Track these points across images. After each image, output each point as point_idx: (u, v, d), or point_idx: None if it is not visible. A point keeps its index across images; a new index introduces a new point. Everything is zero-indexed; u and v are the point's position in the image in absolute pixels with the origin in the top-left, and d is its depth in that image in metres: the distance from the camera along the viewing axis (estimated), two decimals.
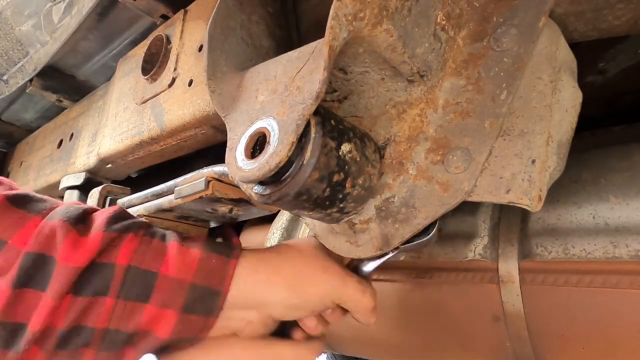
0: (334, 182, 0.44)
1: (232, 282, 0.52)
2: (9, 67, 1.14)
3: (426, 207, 0.47)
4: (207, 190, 0.64)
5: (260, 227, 1.06)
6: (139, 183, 1.23)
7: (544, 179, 0.43)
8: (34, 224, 0.49)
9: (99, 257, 0.49)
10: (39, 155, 1.35)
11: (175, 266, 0.51)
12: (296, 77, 0.43)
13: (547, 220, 0.57)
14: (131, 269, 0.49)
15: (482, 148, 0.44)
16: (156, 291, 0.50)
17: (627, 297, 0.50)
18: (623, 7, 0.44)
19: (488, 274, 0.60)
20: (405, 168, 0.49)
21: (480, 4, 0.49)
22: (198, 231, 0.89)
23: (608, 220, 0.52)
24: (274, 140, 0.41)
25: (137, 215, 0.81)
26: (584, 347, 0.55)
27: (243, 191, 0.51)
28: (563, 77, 0.46)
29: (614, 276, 0.51)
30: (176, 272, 0.51)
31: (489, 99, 0.45)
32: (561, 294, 0.55)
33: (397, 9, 0.42)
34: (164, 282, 0.50)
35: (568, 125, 0.47)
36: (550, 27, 0.46)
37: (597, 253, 0.52)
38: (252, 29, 0.57)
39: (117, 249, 0.50)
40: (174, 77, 0.86)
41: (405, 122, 0.50)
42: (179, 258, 0.51)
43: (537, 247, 0.57)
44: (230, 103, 0.51)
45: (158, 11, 0.94)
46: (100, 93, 1.20)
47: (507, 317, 0.59)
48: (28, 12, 1.02)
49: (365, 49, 0.44)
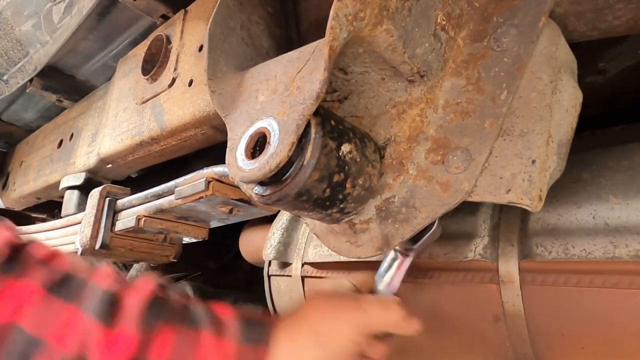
0: (334, 183, 0.44)
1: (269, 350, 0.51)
2: (9, 67, 1.14)
3: (426, 207, 0.47)
4: (207, 191, 0.65)
5: (260, 227, 1.06)
6: (139, 183, 1.23)
7: (544, 179, 0.43)
8: (69, 318, 0.49)
9: (138, 354, 0.49)
10: (39, 155, 1.35)
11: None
12: (296, 77, 0.43)
13: (547, 220, 0.57)
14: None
15: (482, 148, 0.44)
16: None
17: (627, 297, 0.50)
18: (623, 7, 0.44)
19: (488, 274, 0.60)
20: (406, 168, 0.49)
21: (481, 4, 0.49)
22: (198, 231, 0.89)
23: (608, 220, 0.52)
24: (275, 140, 0.41)
25: (137, 216, 0.81)
26: (584, 347, 0.55)
27: (243, 192, 0.51)
28: (563, 77, 0.46)
29: (614, 276, 0.51)
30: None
31: (489, 99, 0.45)
32: (561, 294, 0.55)
33: (398, 9, 0.42)
34: None
35: (568, 125, 0.47)
36: (550, 27, 0.46)
37: (597, 253, 0.52)
38: (252, 29, 0.57)
39: (152, 345, 0.50)
40: (174, 77, 0.86)
41: (405, 122, 0.50)
42: (215, 351, 0.51)
43: (537, 247, 0.57)
44: (231, 103, 0.51)
45: (158, 11, 0.94)
46: (100, 93, 1.20)
47: (507, 317, 0.59)
48: (28, 12, 1.02)
49: (365, 49, 0.44)
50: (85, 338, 0.49)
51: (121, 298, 0.52)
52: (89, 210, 0.93)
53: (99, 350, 0.48)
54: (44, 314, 0.49)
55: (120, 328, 0.50)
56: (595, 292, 0.52)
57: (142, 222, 0.84)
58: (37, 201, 1.39)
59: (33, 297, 0.49)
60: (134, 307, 0.51)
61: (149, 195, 0.82)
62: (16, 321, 0.48)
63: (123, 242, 0.92)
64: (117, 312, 0.51)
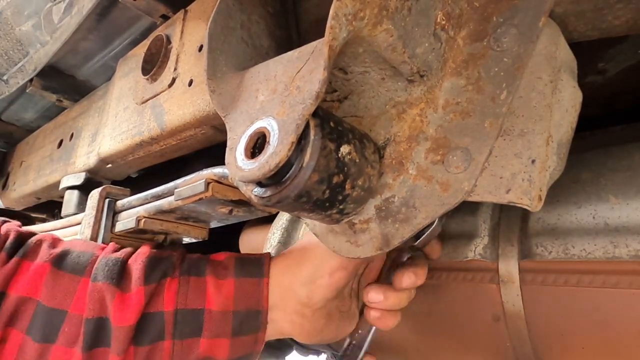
0: (334, 184, 0.44)
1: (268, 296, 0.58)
2: (9, 67, 1.14)
3: (426, 207, 0.47)
4: (207, 192, 0.65)
5: (260, 227, 1.06)
6: (139, 183, 1.23)
7: (544, 179, 0.43)
8: (83, 287, 0.56)
9: (146, 308, 0.56)
10: (39, 155, 1.35)
11: (215, 301, 0.57)
12: (296, 77, 0.43)
13: (547, 220, 0.57)
14: (179, 312, 0.56)
15: (482, 148, 0.44)
16: (206, 325, 0.56)
17: (627, 297, 0.50)
18: (623, 7, 0.44)
19: (488, 274, 0.60)
20: (406, 168, 0.49)
21: (480, 4, 0.49)
22: (198, 232, 0.89)
23: (608, 220, 0.52)
24: (274, 140, 0.41)
25: (137, 217, 0.81)
26: (584, 347, 0.55)
27: (243, 193, 0.51)
28: (563, 77, 0.46)
29: (614, 276, 0.51)
30: (218, 305, 0.57)
31: (489, 99, 0.45)
32: (561, 294, 0.55)
33: (397, 8, 0.42)
34: (210, 315, 0.56)
35: (568, 125, 0.47)
36: (550, 27, 0.46)
37: (597, 253, 0.52)
38: (252, 29, 0.57)
39: (160, 297, 0.57)
40: (174, 77, 0.86)
41: (405, 122, 0.50)
42: (216, 292, 0.57)
43: (537, 247, 0.57)
44: (230, 103, 0.51)
45: (158, 11, 0.94)
46: (100, 93, 1.20)
47: (507, 317, 0.59)
48: (28, 12, 1.02)
49: (365, 48, 0.44)
50: (102, 301, 0.55)
51: (127, 263, 0.60)
52: (88, 211, 0.93)
53: (116, 308, 0.54)
54: (58, 288, 0.56)
55: (129, 287, 0.57)
56: (595, 292, 0.52)
57: (142, 223, 0.84)
58: (37, 201, 1.39)
59: (45, 274, 0.56)
60: (138, 268, 0.58)
61: (149, 196, 0.82)
62: (34, 296, 0.54)
63: (123, 242, 0.92)
64: (125, 275, 0.58)
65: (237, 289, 0.57)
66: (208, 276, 0.59)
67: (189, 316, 0.56)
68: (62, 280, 0.56)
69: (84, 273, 0.57)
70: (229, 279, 0.58)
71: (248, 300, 0.57)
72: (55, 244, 0.60)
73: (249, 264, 0.60)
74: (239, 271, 0.59)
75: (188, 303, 0.56)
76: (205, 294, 0.57)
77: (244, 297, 0.57)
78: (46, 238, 0.61)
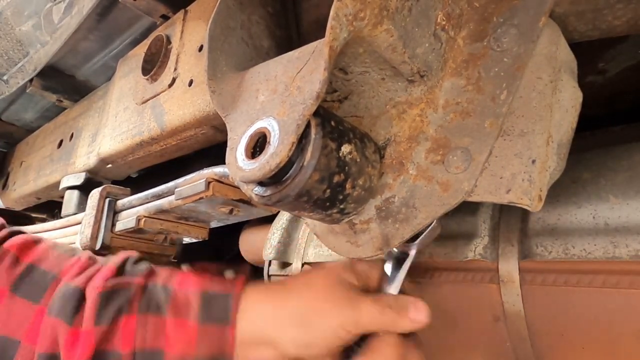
0: (335, 183, 0.44)
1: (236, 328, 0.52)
2: (9, 67, 1.14)
3: (426, 207, 0.47)
4: (208, 192, 0.65)
5: (260, 227, 1.06)
6: (139, 183, 1.23)
7: (544, 179, 0.43)
8: (38, 316, 0.53)
9: (100, 346, 0.52)
10: (39, 155, 1.35)
11: (176, 345, 0.53)
12: (296, 77, 0.43)
13: (547, 220, 0.57)
14: (137, 354, 0.52)
15: (482, 148, 0.44)
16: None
17: (627, 297, 0.50)
18: (623, 7, 0.44)
19: (488, 274, 0.60)
20: (406, 168, 0.49)
21: (481, 4, 0.49)
22: (198, 231, 0.89)
23: (608, 220, 0.52)
24: (275, 140, 0.41)
25: (137, 217, 0.81)
26: (584, 347, 0.55)
27: (243, 192, 0.51)
28: (563, 77, 0.46)
29: (614, 276, 0.51)
30: (179, 349, 0.53)
31: (489, 99, 0.45)
32: (561, 294, 0.55)
33: (398, 9, 0.42)
34: (170, 358, 0.52)
35: (568, 125, 0.47)
36: (550, 27, 0.46)
37: (597, 253, 0.52)
38: (252, 29, 0.57)
39: (117, 337, 0.52)
40: (174, 77, 0.86)
41: (405, 122, 0.50)
42: (176, 335, 0.53)
43: (537, 247, 0.57)
44: (231, 103, 0.51)
45: (158, 11, 0.94)
46: (100, 93, 1.20)
47: (507, 317, 0.59)
48: (28, 12, 1.02)
49: (365, 49, 0.44)
50: (54, 337, 0.52)
51: (84, 292, 0.55)
52: (89, 210, 0.93)
53: (66, 347, 0.51)
54: (13, 315, 0.52)
55: (81, 324, 0.52)
56: (595, 292, 0.52)
57: (143, 222, 0.84)
58: (37, 201, 1.39)
59: (2, 302, 0.52)
60: (90, 305, 0.53)
61: (149, 195, 0.82)
62: None
63: (123, 242, 0.92)
64: (80, 309, 0.53)
65: (200, 334, 0.53)
66: (168, 317, 0.54)
67: (147, 358, 0.52)
68: (17, 307, 0.53)
69: (40, 301, 0.54)
70: (192, 321, 0.54)
71: (212, 345, 0.53)
72: (22, 257, 0.56)
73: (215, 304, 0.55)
74: (205, 313, 0.54)
75: (146, 344, 0.53)
76: (164, 336, 0.53)
77: (208, 342, 0.53)
78: (12, 247, 0.56)
